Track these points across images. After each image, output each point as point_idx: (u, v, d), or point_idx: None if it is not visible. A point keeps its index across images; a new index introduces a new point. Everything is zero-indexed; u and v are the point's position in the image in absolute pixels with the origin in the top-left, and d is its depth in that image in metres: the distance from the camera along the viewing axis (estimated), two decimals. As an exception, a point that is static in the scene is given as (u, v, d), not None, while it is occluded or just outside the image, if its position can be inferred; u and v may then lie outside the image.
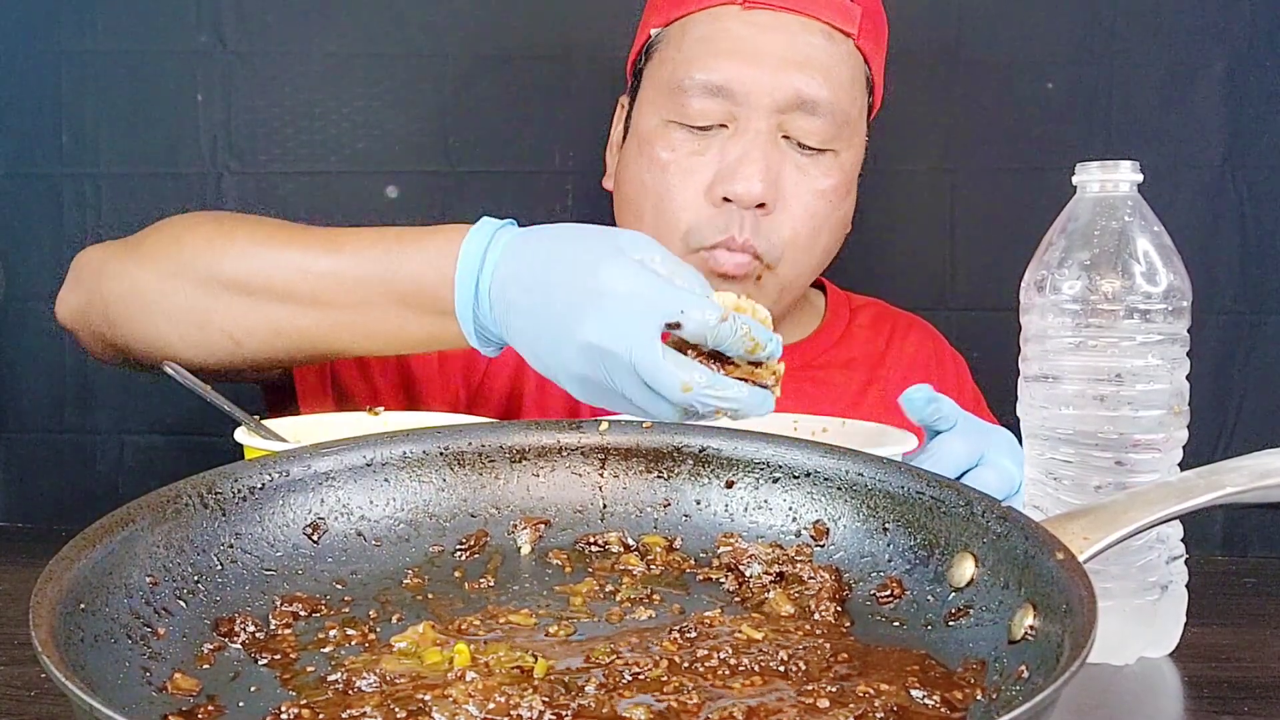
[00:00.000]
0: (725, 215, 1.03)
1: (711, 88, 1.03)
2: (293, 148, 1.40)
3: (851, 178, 1.10)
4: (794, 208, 1.05)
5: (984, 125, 1.39)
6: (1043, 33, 1.38)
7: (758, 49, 1.03)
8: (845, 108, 1.06)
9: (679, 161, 1.05)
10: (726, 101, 1.03)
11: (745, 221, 1.03)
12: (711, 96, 1.03)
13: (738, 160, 1.03)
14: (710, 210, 1.04)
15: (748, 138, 1.03)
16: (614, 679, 0.52)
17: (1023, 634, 0.52)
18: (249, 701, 0.52)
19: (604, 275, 0.74)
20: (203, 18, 1.38)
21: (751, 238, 1.03)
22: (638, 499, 0.71)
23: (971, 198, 1.39)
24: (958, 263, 1.39)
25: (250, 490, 0.64)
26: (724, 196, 1.03)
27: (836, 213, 1.08)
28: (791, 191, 1.05)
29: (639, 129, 1.09)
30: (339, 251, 0.87)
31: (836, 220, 1.09)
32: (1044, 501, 0.71)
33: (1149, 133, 1.38)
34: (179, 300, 0.90)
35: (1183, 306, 0.69)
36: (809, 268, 1.10)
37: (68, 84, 1.38)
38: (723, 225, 1.03)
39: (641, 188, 1.08)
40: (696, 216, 1.04)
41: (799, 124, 1.04)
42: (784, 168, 1.04)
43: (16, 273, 1.41)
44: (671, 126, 1.06)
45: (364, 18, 1.39)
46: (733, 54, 1.04)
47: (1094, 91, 1.38)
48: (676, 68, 1.06)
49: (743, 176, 1.02)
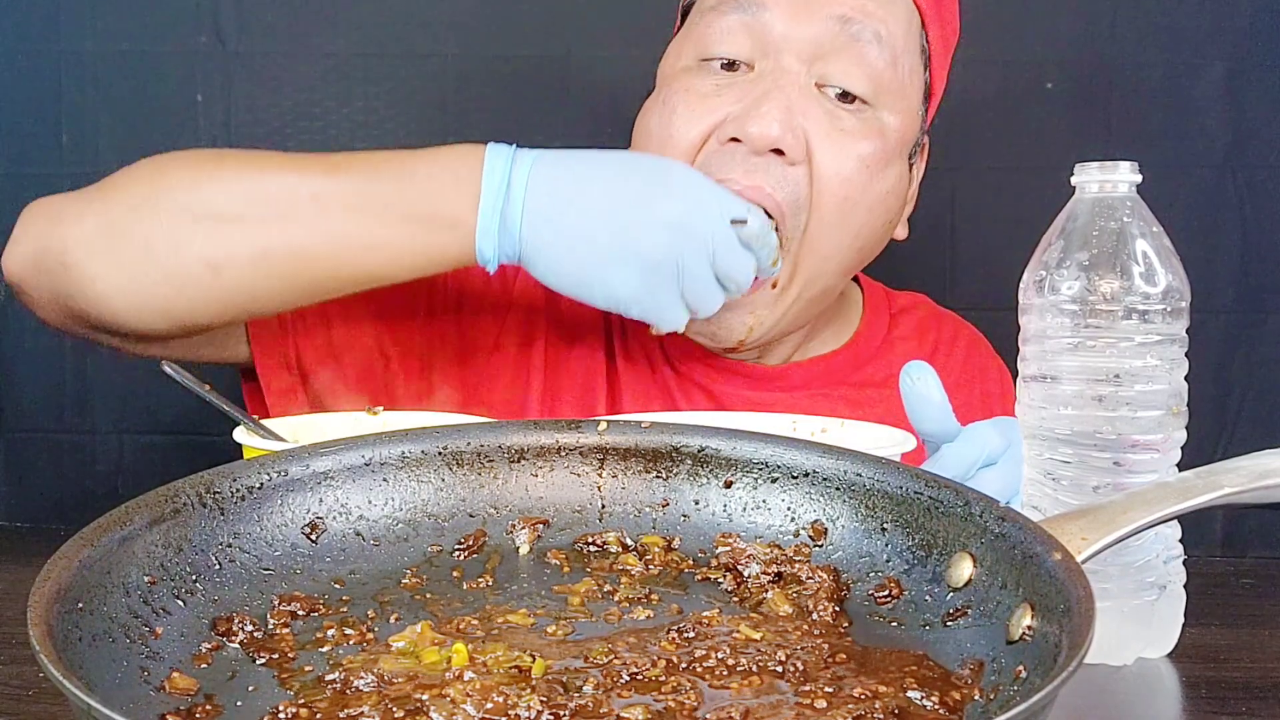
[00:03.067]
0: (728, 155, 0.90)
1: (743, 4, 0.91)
2: (293, 148, 1.39)
3: (895, 149, 0.95)
4: (824, 169, 0.90)
5: (984, 125, 1.39)
6: (1043, 33, 1.38)
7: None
8: (891, 56, 0.92)
9: (690, 102, 0.92)
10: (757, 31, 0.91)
11: (756, 164, 0.89)
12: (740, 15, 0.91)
13: (757, 99, 0.89)
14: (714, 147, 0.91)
15: (773, 77, 0.90)
16: (612, 679, 0.52)
17: (1021, 634, 0.52)
18: (247, 701, 0.52)
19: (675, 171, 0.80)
20: (203, 18, 1.38)
21: (764, 181, 0.89)
22: (636, 499, 0.71)
23: (971, 198, 1.39)
24: (957, 263, 1.39)
25: (249, 490, 0.64)
26: (732, 136, 0.89)
27: (874, 186, 0.93)
28: (822, 151, 0.90)
29: (662, 72, 0.98)
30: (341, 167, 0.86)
31: (874, 197, 0.94)
32: (1042, 502, 0.71)
33: (1149, 133, 1.38)
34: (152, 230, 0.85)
35: (1181, 307, 0.69)
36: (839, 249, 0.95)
37: (68, 84, 1.39)
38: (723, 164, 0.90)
39: (645, 134, 0.95)
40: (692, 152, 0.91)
41: (836, 66, 0.91)
42: (814, 121, 0.90)
43: (16, 273, 1.41)
44: (692, 68, 0.94)
45: (364, 18, 1.39)
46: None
47: (1094, 91, 1.38)
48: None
49: (758, 116, 0.88)
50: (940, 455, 0.75)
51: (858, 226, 0.94)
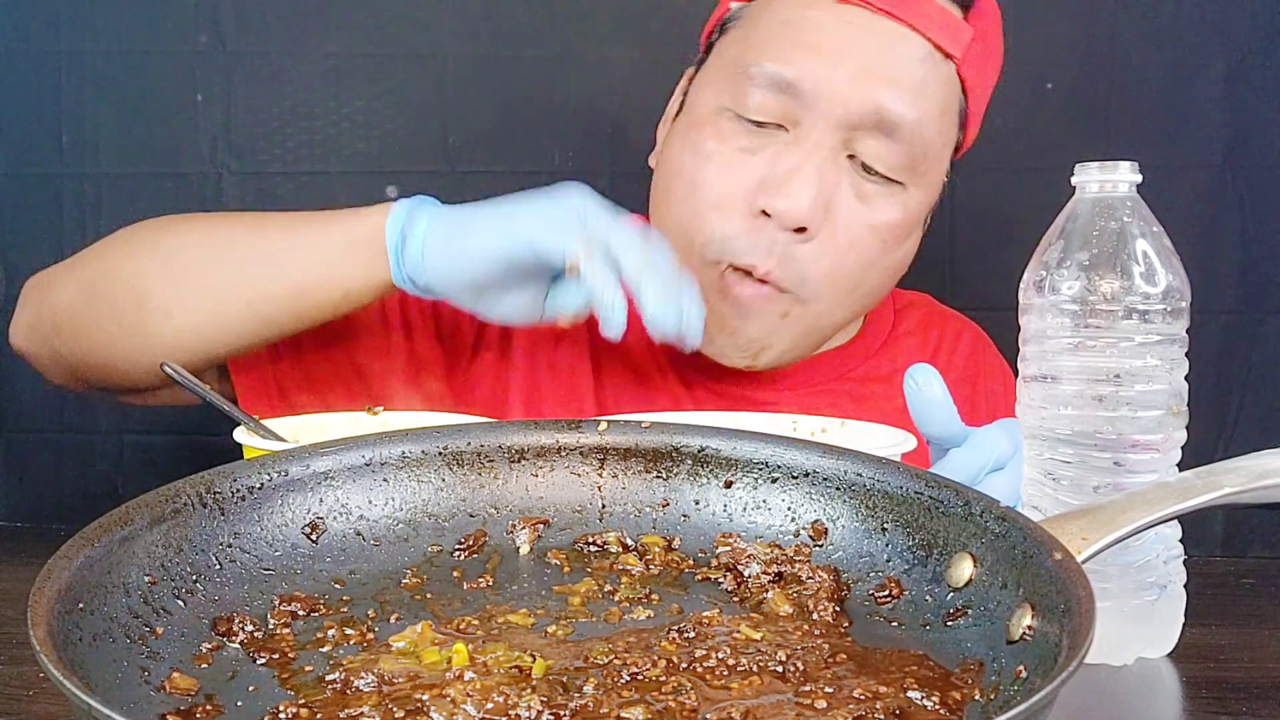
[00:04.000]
0: (756, 233, 0.92)
1: (780, 82, 0.91)
2: (293, 148, 1.40)
3: (916, 219, 0.97)
4: (839, 238, 0.92)
5: (984, 125, 1.39)
6: (1043, 33, 1.38)
7: (843, 48, 0.91)
8: (929, 138, 0.93)
9: (725, 155, 0.93)
10: (793, 101, 0.91)
11: (776, 247, 0.91)
12: (777, 91, 0.91)
13: (789, 171, 0.91)
14: (743, 222, 0.92)
15: (806, 147, 0.91)
16: (612, 679, 0.52)
17: (1021, 634, 0.52)
18: (247, 701, 0.52)
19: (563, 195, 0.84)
20: (203, 18, 1.38)
21: (777, 269, 0.92)
22: (636, 499, 0.71)
23: (971, 198, 1.39)
24: (957, 263, 1.39)
25: (249, 490, 0.64)
26: (763, 210, 0.91)
27: (890, 256, 0.96)
28: (842, 220, 0.92)
29: (693, 109, 0.98)
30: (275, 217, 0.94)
31: (889, 264, 0.97)
32: (1043, 501, 0.71)
33: (1149, 133, 1.38)
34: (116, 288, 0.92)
35: (1181, 307, 0.69)
36: (848, 311, 0.98)
37: (68, 84, 1.39)
38: (750, 246, 0.92)
39: (678, 173, 0.96)
40: (726, 226, 0.93)
41: (870, 145, 0.92)
42: (839, 190, 0.92)
43: (16, 273, 1.40)
44: (726, 115, 0.94)
45: (364, 18, 1.39)
46: (813, 48, 0.91)
47: (1094, 91, 1.38)
48: (747, 50, 0.94)
49: (789, 191, 0.90)
50: (948, 460, 0.75)
51: (868, 291, 0.98)
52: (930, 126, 0.94)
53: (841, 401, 1.03)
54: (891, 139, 0.92)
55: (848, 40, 0.91)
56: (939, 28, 0.93)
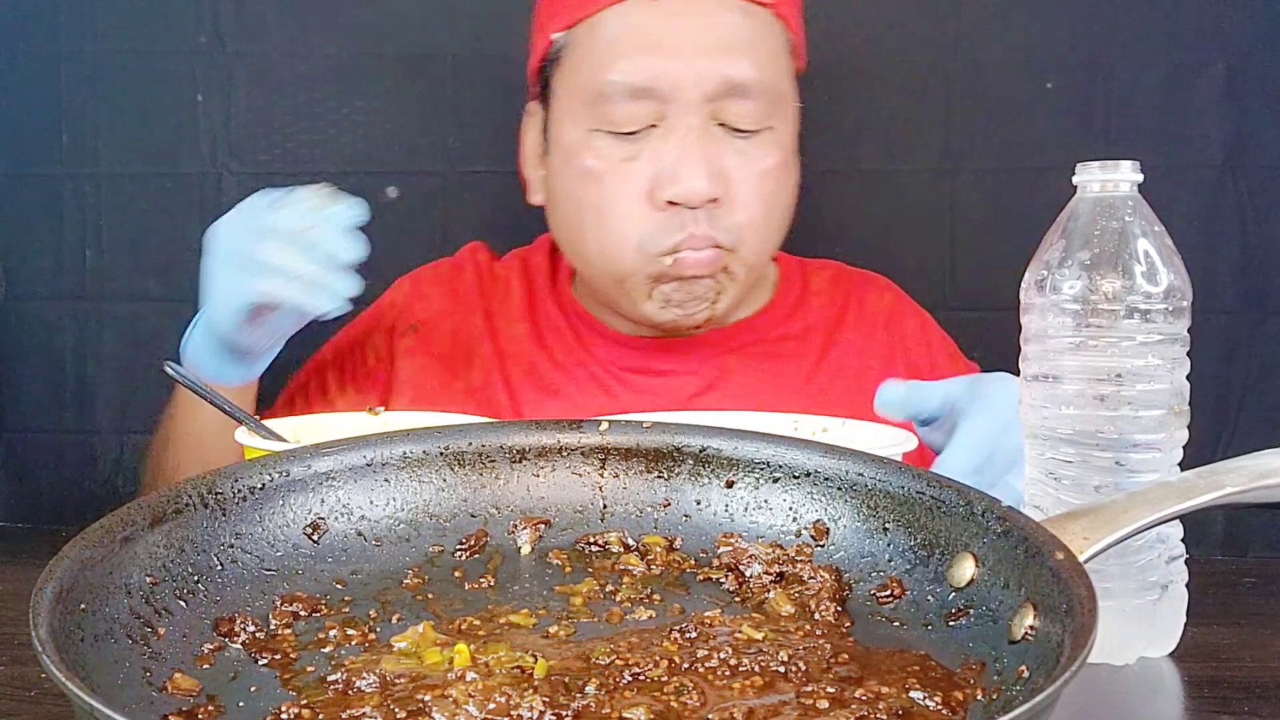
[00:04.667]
0: (677, 217, 0.99)
1: (634, 89, 0.98)
2: (293, 148, 1.40)
3: (791, 150, 1.06)
4: (743, 194, 1.00)
5: (984, 125, 1.39)
6: (1043, 33, 1.38)
7: (676, 40, 0.98)
8: (775, 82, 1.02)
9: (612, 170, 1.00)
10: (653, 102, 0.98)
11: (699, 218, 0.99)
12: (636, 99, 0.98)
13: (676, 161, 0.98)
14: (659, 216, 0.99)
15: (680, 134, 0.98)
16: (614, 679, 0.52)
17: (1023, 634, 0.52)
18: (249, 702, 0.52)
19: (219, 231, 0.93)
20: (203, 18, 1.38)
21: (710, 229, 0.99)
22: (638, 499, 0.71)
23: (971, 198, 1.39)
24: (958, 263, 1.39)
25: (250, 490, 0.64)
26: (669, 201, 0.98)
27: (785, 187, 1.05)
28: (738, 178, 1.00)
29: (562, 141, 1.04)
30: None
31: (787, 194, 1.06)
32: (1044, 501, 0.71)
33: (1149, 133, 1.37)
34: None
35: (1183, 306, 0.69)
36: (770, 245, 1.07)
37: (68, 84, 1.38)
38: (676, 225, 0.99)
39: (576, 203, 1.03)
40: (645, 225, 0.99)
41: (732, 109, 0.99)
42: (724, 156, 0.99)
43: (16, 273, 1.41)
44: (597, 135, 1.00)
45: (364, 18, 1.39)
46: (651, 49, 0.98)
47: (1094, 91, 1.38)
48: (593, 73, 1.00)
49: (685, 177, 0.97)
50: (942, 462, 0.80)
51: (779, 223, 1.07)
52: (772, 72, 1.02)
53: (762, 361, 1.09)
54: (746, 98, 0.99)
55: (676, 29, 0.98)
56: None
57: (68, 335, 1.41)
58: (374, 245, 1.41)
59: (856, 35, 1.39)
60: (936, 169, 1.39)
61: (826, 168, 1.39)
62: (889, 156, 1.39)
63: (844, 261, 1.25)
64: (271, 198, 0.92)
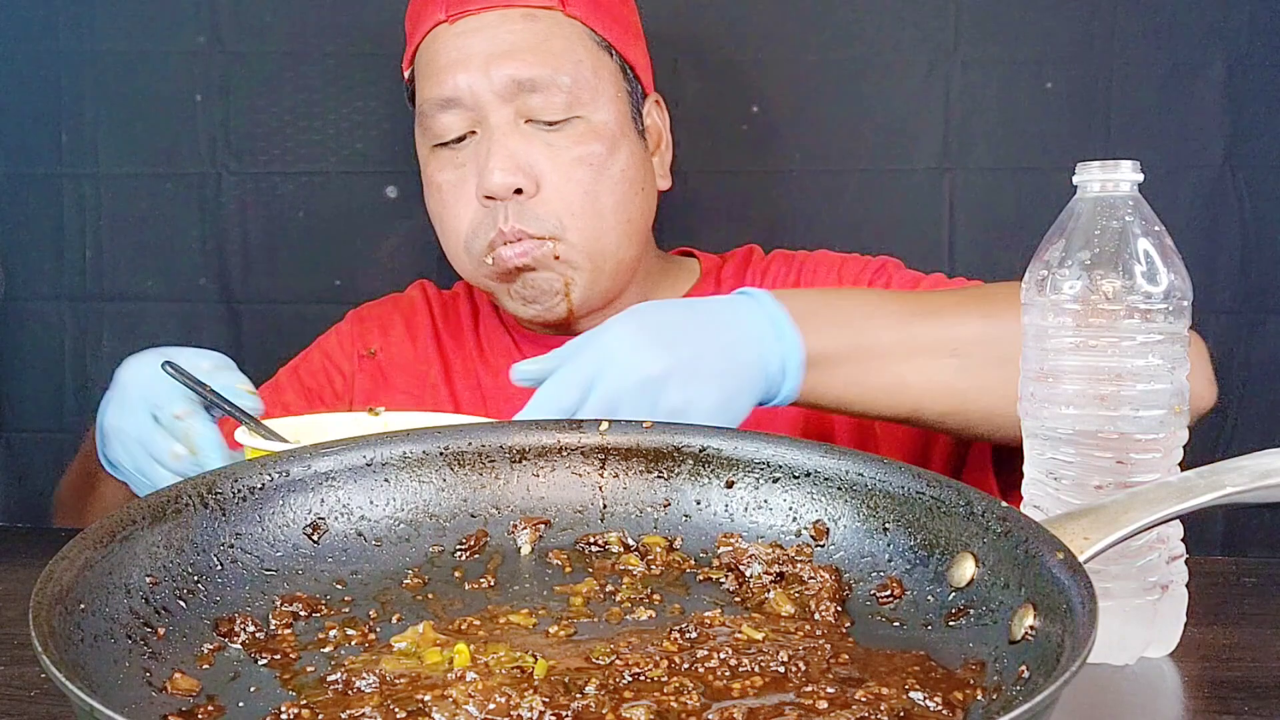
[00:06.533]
0: (489, 214, 1.07)
1: (441, 102, 1.08)
2: (292, 148, 1.40)
3: (614, 136, 1.10)
4: (556, 181, 1.07)
5: (984, 125, 1.39)
6: (1043, 33, 1.38)
7: (466, 54, 1.08)
8: (572, 74, 1.08)
9: (447, 178, 1.10)
10: (461, 110, 1.08)
11: (509, 211, 1.06)
12: (446, 110, 1.08)
13: (485, 158, 1.07)
14: (476, 214, 1.08)
15: (488, 135, 1.07)
16: (614, 679, 0.52)
17: (1023, 634, 0.52)
18: (249, 702, 0.52)
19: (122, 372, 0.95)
20: (202, 18, 1.38)
21: (517, 223, 1.06)
22: (638, 499, 0.71)
23: (971, 198, 1.39)
24: (958, 263, 1.39)
25: (250, 490, 0.64)
26: (485, 196, 1.07)
27: (607, 173, 1.09)
28: (549, 168, 1.07)
29: (421, 164, 1.15)
30: None
31: (613, 178, 1.09)
32: (1044, 501, 0.71)
33: (1149, 133, 1.37)
34: None
35: (1183, 306, 0.69)
36: (606, 229, 1.09)
37: (68, 84, 1.39)
38: (490, 222, 1.07)
39: (432, 215, 1.14)
40: (469, 223, 1.09)
41: (532, 103, 1.07)
42: (533, 149, 1.07)
43: (16, 273, 1.41)
44: (433, 151, 1.11)
45: (364, 18, 1.39)
46: (448, 66, 1.08)
47: (1094, 91, 1.38)
48: (419, 97, 1.12)
49: (490, 170, 1.05)
50: None
51: (611, 205, 1.09)
52: (565, 66, 1.08)
53: None
54: (541, 93, 1.07)
55: (466, 45, 1.08)
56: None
57: (68, 335, 1.41)
58: (373, 245, 1.42)
59: (856, 35, 1.39)
60: (936, 169, 1.39)
61: (826, 167, 1.39)
62: (889, 156, 1.39)
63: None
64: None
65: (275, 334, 1.39)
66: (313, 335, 1.23)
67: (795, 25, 1.39)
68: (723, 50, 1.38)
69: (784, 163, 1.41)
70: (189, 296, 1.41)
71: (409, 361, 1.21)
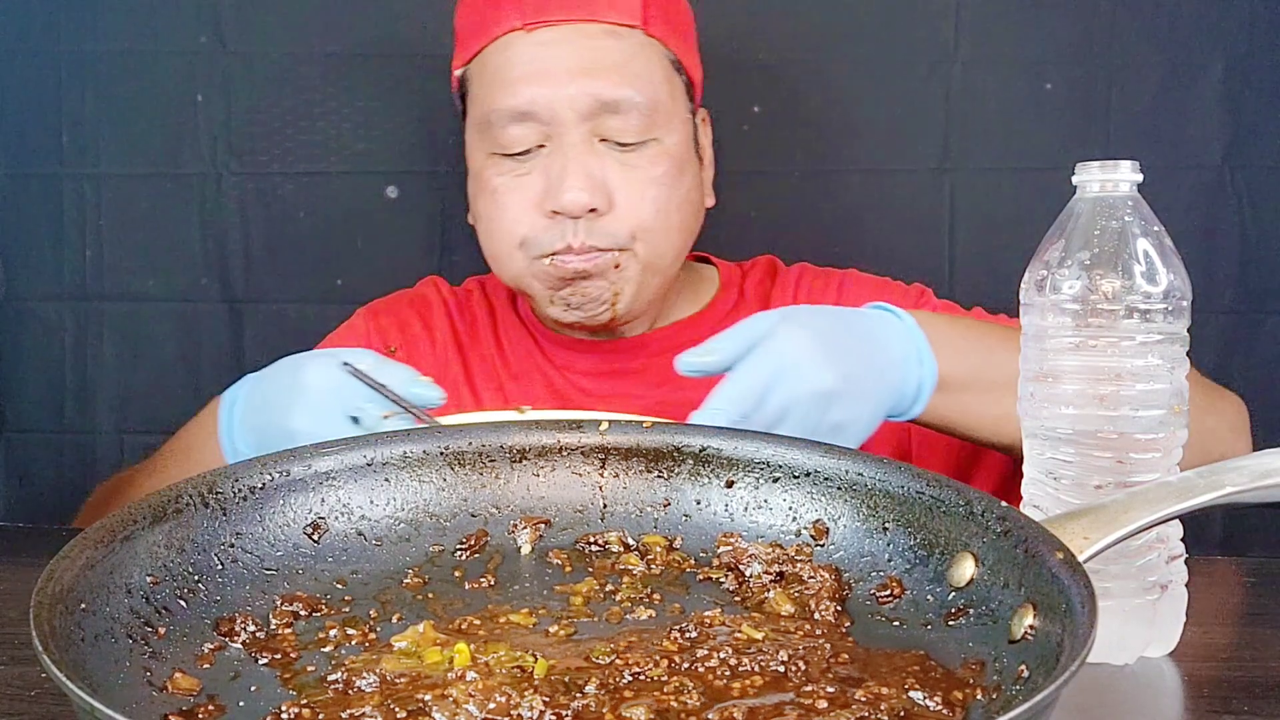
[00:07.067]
0: (559, 225, 1.06)
1: (516, 114, 1.06)
2: (293, 148, 1.40)
3: (683, 156, 1.11)
4: (629, 201, 1.06)
5: (983, 125, 1.39)
6: (1043, 33, 1.38)
7: (547, 66, 1.06)
8: (651, 96, 1.07)
9: (506, 184, 1.08)
10: (535, 124, 1.06)
11: (579, 227, 1.05)
12: (519, 123, 1.06)
13: (559, 174, 1.05)
14: (544, 222, 1.06)
15: (563, 151, 1.06)
16: (614, 679, 0.52)
17: (1023, 633, 0.52)
18: (249, 701, 0.52)
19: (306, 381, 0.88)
20: (203, 18, 1.38)
21: (588, 239, 1.05)
22: (638, 499, 0.71)
23: (971, 198, 1.39)
24: (957, 263, 1.39)
25: (251, 490, 0.64)
26: (553, 210, 1.05)
27: (676, 193, 1.09)
28: (622, 189, 1.06)
29: (471, 166, 1.13)
30: None
31: (680, 198, 1.10)
32: (1044, 501, 0.71)
33: (1149, 133, 1.37)
34: None
35: (1183, 306, 0.69)
36: (668, 246, 1.11)
37: (68, 84, 1.38)
38: (558, 234, 1.06)
39: (480, 218, 1.12)
40: (531, 228, 1.07)
41: (610, 125, 1.06)
42: (608, 169, 1.06)
43: (16, 273, 1.41)
44: (494, 158, 1.09)
45: (364, 18, 1.39)
46: (526, 78, 1.06)
47: (1094, 91, 1.38)
48: (483, 103, 1.09)
49: (566, 188, 1.04)
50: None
51: (677, 225, 1.11)
52: (646, 88, 1.07)
53: None
54: (620, 114, 1.06)
55: (548, 57, 1.06)
56: (610, 10, 1.07)
57: (68, 335, 1.41)
58: (374, 245, 1.42)
59: (856, 35, 1.39)
60: (936, 169, 1.39)
61: (826, 167, 1.39)
62: (889, 156, 1.39)
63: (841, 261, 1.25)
64: None
65: (276, 334, 1.39)
66: (314, 335, 1.23)
67: (795, 25, 1.39)
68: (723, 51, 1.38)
69: (784, 163, 1.41)
70: (190, 296, 1.41)
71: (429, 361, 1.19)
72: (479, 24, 1.10)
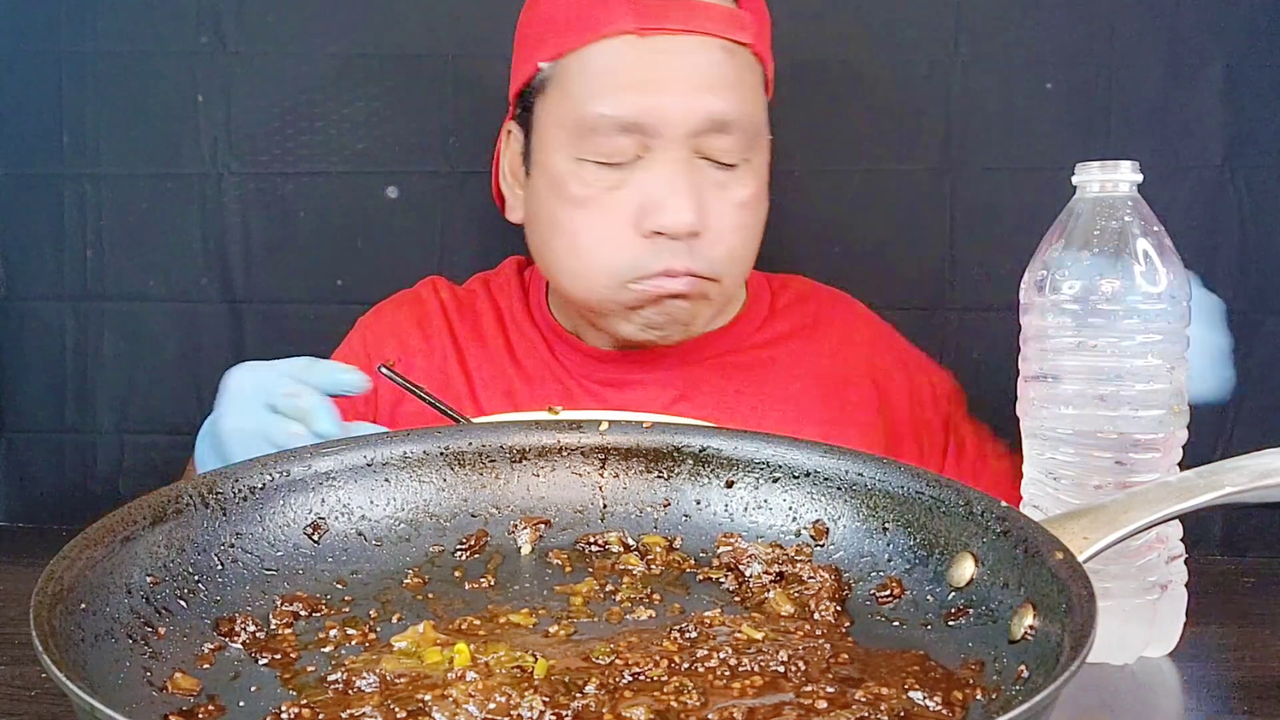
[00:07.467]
0: (657, 247, 1.01)
1: (623, 124, 1.00)
2: (293, 148, 1.39)
3: (764, 177, 1.08)
4: (723, 225, 1.03)
5: (984, 125, 1.39)
6: (1043, 33, 1.38)
7: (662, 77, 1.01)
8: (754, 117, 1.05)
9: (596, 198, 1.02)
10: (640, 136, 1.01)
11: (679, 250, 1.01)
12: (624, 132, 1.00)
13: (662, 192, 1.00)
14: (641, 243, 1.01)
15: (667, 167, 1.01)
16: (614, 679, 0.52)
17: (1022, 634, 0.52)
18: (249, 701, 0.52)
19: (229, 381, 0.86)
20: (203, 18, 1.38)
21: (690, 263, 1.01)
22: (638, 499, 0.71)
23: (971, 198, 1.39)
24: (957, 263, 1.39)
25: (251, 490, 0.64)
26: (654, 231, 1.00)
27: (759, 217, 1.08)
28: (715, 210, 1.02)
29: (547, 168, 1.06)
30: None
31: (760, 221, 1.08)
32: (1044, 501, 0.71)
33: (1149, 133, 1.37)
34: None
35: (1182, 306, 0.69)
36: (744, 273, 1.10)
37: (68, 84, 1.38)
38: (655, 257, 1.01)
39: (557, 226, 1.05)
40: (627, 252, 1.02)
41: (714, 144, 1.02)
42: (706, 190, 1.02)
43: (16, 273, 1.41)
44: (583, 164, 1.03)
45: (364, 18, 1.39)
46: (639, 86, 1.01)
47: (1094, 91, 1.37)
48: (581, 105, 1.02)
49: (673, 208, 1.00)
50: None
51: (754, 251, 1.09)
52: (751, 108, 1.04)
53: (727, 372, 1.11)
54: (726, 133, 1.02)
55: (663, 66, 1.01)
56: (726, 25, 1.03)
57: (68, 335, 1.41)
58: (374, 245, 1.42)
59: (857, 35, 1.39)
60: (936, 169, 1.39)
61: (826, 168, 1.39)
62: (889, 156, 1.39)
63: (841, 262, 1.25)
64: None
65: (277, 334, 1.39)
66: (314, 335, 1.22)
67: (795, 25, 1.38)
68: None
69: (784, 163, 1.40)
70: (190, 297, 1.41)
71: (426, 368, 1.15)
72: (579, 19, 1.03)
